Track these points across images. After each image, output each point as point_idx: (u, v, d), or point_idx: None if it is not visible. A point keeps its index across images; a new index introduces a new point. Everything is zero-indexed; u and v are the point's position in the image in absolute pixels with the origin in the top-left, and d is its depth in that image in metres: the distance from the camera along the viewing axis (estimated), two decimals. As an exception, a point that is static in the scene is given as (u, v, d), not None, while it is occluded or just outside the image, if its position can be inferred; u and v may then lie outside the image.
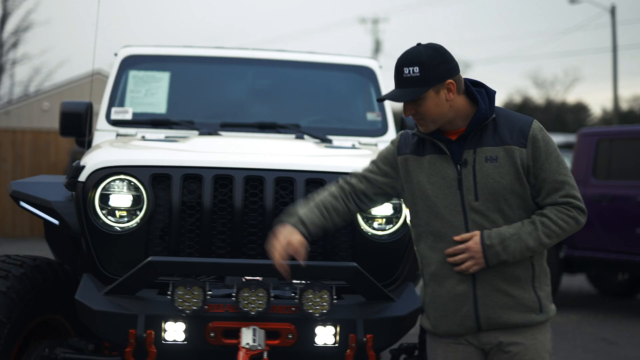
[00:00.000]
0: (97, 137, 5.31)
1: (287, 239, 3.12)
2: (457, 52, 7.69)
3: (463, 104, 3.01)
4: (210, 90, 5.65)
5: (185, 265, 3.63)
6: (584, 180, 9.86)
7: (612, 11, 29.91)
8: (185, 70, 5.66)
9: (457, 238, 2.99)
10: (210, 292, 3.64)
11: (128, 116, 5.36)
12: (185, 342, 3.65)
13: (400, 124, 5.62)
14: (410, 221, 3.22)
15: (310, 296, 3.61)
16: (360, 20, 40.72)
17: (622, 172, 9.79)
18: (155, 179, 3.97)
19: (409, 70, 2.93)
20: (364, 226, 4.05)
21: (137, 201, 3.96)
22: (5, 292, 3.94)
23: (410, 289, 3.97)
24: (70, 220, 4.02)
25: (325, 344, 3.70)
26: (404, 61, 2.97)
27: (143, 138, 5.06)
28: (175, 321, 3.65)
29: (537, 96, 52.14)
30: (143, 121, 5.31)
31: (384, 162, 3.24)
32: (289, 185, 4.01)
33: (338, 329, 3.70)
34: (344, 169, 4.05)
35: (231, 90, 5.73)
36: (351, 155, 4.44)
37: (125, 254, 3.94)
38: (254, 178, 3.99)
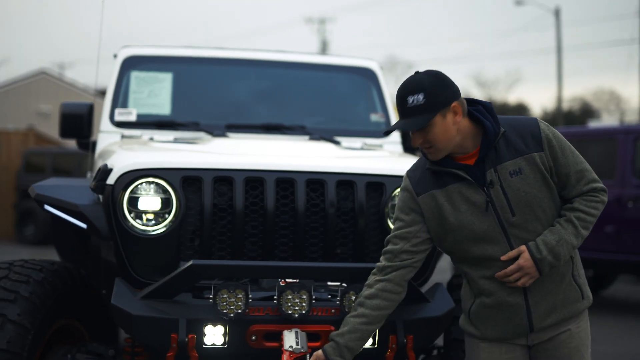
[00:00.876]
0: (102, 139, 5.24)
1: None
2: (403, 53, 7.72)
3: (468, 125, 3.01)
4: (213, 91, 5.62)
5: (228, 269, 3.61)
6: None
7: (557, 13, 30.50)
8: (188, 71, 5.62)
9: (504, 258, 2.99)
10: (250, 296, 3.62)
11: (132, 117, 5.30)
12: (225, 346, 3.63)
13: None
14: (443, 250, 3.22)
15: (353, 297, 3.62)
16: (306, 20, 40.72)
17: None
18: (186, 182, 3.93)
19: (413, 99, 2.93)
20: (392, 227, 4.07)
21: (167, 204, 3.92)
22: (28, 298, 3.88)
23: (442, 289, 4.01)
24: (99, 223, 3.96)
25: (368, 345, 3.71)
26: (406, 90, 2.96)
27: (152, 140, 5.02)
28: (215, 325, 3.62)
29: (479, 96, 52.92)
30: (148, 122, 5.26)
31: (406, 212, 3.16)
32: (320, 187, 4.01)
33: (378, 330, 3.71)
34: (374, 171, 4.09)
35: (234, 92, 5.70)
36: (374, 157, 4.47)
37: (157, 257, 3.90)
38: (285, 180, 3.99)
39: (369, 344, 3.74)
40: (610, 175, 9.71)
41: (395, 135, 5.54)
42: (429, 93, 2.93)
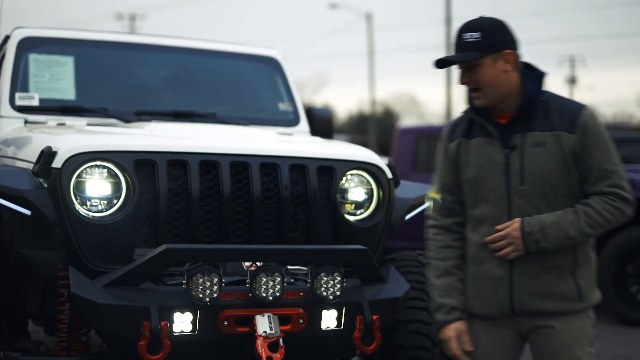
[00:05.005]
0: (3, 125, 4.91)
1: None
2: None
3: (516, 83, 3.01)
4: (118, 76, 5.42)
5: (204, 253, 3.51)
6: (405, 174, 10.45)
7: (369, 18, 31.57)
8: (90, 55, 5.36)
9: (498, 227, 2.99)
10: (224, 280, 3.54)
11: (35, 102, 5.01)
12: (196, 333, 3.52)
13: (307, 114, 5.69)
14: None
15: (324, 279, 3.62)
16: (117, 17, 39.61)
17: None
18: (137, 165, 3.77)
19: (470, 35, 2.95)
20: (343, 211, 4.12)
21: (117, 188, 3.75)
22: None
23: (394, 271, 4.09)
24: (46, 210, 3.70)
25: (333, 327, 3.73)
26: (465, 27, 2.99)
27: (63, 124, 4.77)
28: (184, 312, 3.51)
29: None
30: (52, 108, 4.99)
31: (447, 161, 3.16)
32: (273, 171, 3.98)
33: (344, 311, 3.74)
34: (325, 155, 4.11)
35: (140, 77, 5.52)
36: (315, 142, 4.49)
37: (110, 244, 3.71)
38: (239, 164, 3.92)
39: (334, 325, 3.75)
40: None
41: (304, 124, 5.57)
42: (485, 33, 2.93)
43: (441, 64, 3.04)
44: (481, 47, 2.94)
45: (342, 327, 3.75)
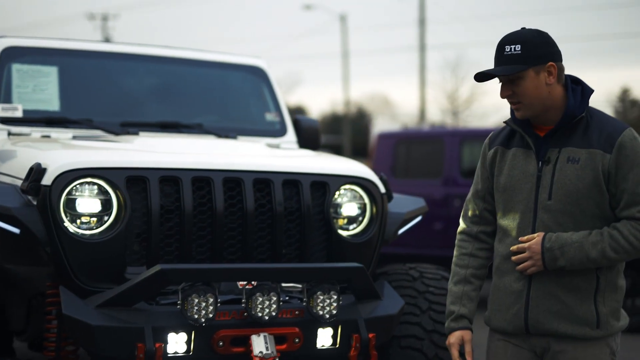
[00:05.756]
0: (-14, 137, 4.81)
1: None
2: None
3: (561, 96, 2.95)
4: (103, 87, 5.32)
5: (200, 273, 3.45)
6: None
7: (343, 18, 31.57)
8: (74, 65, 5.27)
9: (522, 239, 2.93)
10: (219, 300, 3.49)
11: (18, 113, 4.90)
12: (190, 354, 3.47)
13: (294, 124, 5.64)
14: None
15: (320, 298, 3.58)
16: (89, 16, 39.25)
17: (418, 171, 10.49)
18: (129, 182, 3.71)
19: (511, 48, 2.89)
20: (336, 227, 4.08)
21: (107, 206, 3.68)
22: None
23: (388, 287, 4.06)
24: (35, 228, 3.62)
25: (328, 345, 3.70)
26: (507, 40, 2.93)
27: (48, 137, 4.69)
28: (178, 332, 3.45)
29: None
30: (36, 119, 4.89)
31: (483, 167, 3.12)
32: (266, 187, 3.93)
33: (340, 329, 3.70)
34: (318, 170, 4.07)
35: (125, 88, 5.43)
36: (308, 157, 4.45)
37: (102, 263, 3.64)
38: (233, 180, 3.87)
39: (329, 344, 3.72)
40: (438, 175, 10.23)
41: (291, 134, 5.52)
42: (527, 46, 2.87)
43: (481, 77, 2.96)
44: (523, 60, 2.87)
45: (337, 346, 3.72)
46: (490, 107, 56.04)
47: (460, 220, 3.18)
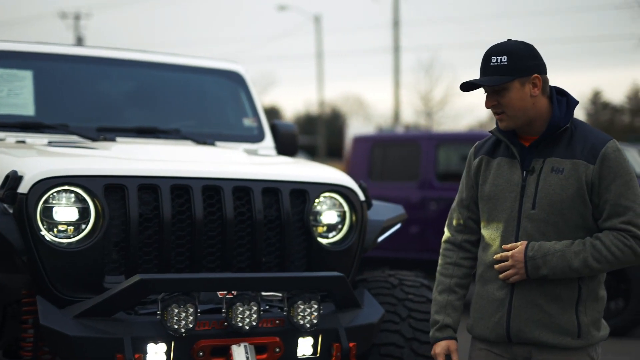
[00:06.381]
0: (-42, 142, 4.73)
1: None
2: (165, 50, 7.70)
3: (545, 107, 2.97)
4: (78, 91, 5.25)
5: (180, 283, 3.42)
6: (356, 181, 10.45)
7: (317, 20, 31.56)
8: (49, 70, 5.20)
9: (505, 247, 2.95)
10: (199, 310, 3.46)
11: None
12: None
13: (271, 129, 5.61)
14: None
15: (301, 307, 3.57)
16: (61, 15, 38.89)
17: (394, 174, 10.50)
18: (107, 190, 3.67)
19: (497, 59, 2.90)
20: (315, 234, 4.06)
21: (88, 214, 3.64)
22: None
23: (368, 295, 4.05)
24: (11, 237, 3.56)
25: (309, 354, 3.68)
26: (493, 51, 2.94)
27: (23, 142, 4.62)
28: (158, 342, 3.42)
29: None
30: (10, 124, 4.82)
31: (468, 177, 3.13)
32: (245, 195, 3.91)
33: (320, 339, 3.69)
34: (298, 178, 4.05)
35: (101, 92, 5.37)
36: (287, 164, 4.43)
37: (80, 272, 3.60)
38: (212, 187, 3.84)
39: (310, 353, 3.70)
40: (414, 178, 10.24)
41: (269, 140, 5.50)
42: (513, 57, 2.89)
43: (467, 87, 2.97)
44: (508, 72, 2.89)
45: (318, 355, 3.70)
46: (464, 109, 56.50)
47: (445, 229, 3.19)
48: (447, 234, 3.17)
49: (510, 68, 2.88)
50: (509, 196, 2.97)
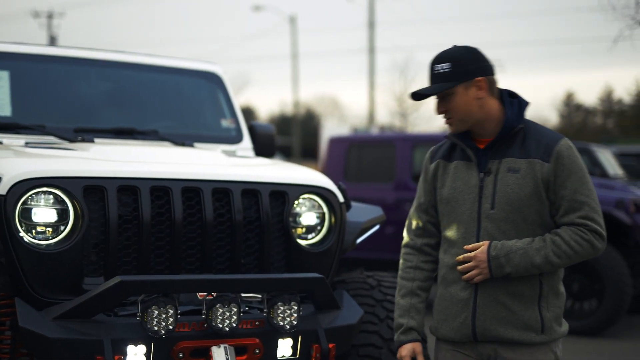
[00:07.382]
0: None
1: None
2: (139, 50, 7.69)
3: (495, 108, 3.04)
4: (55, 92, 5.22)
5: (160, 284, 3.41)
6: (336, 183, 10.47)
7: (293, 20, 31.55)
8: (26, 70, 5.17)
9: (467, 247, 3.01)
10: (179, 311, 3.45)
11: None
12: None
13: (249, 130, 5.62)
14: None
15: (281, 308, 3.58)
16: (33, 14, 38.54)
17: (370, 175, 10.54)
18: (86, 191, 3.66)
19: (440, 67, 3.00)
20: (295, 236, 4.07)
21: (67, 215, 3.62)
22: None
23: (347, 296, 4.07)
24: None
25: (289, 355, 3.69)
26: (436, 59, 3.03)
27: (0, 143, 4.59)
28: (137, 344, 3.41)
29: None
30: None
31: (425, 181, 3.20)
32: (225, 196, 3.91)
33: (300, 340, 3.70)
34: (277, 180, 4.06)
35: (78, 93, 5.34)
36: (266, 165, 4.43)
37: (58, 274, 3.58)
38: (191, 189, 3.84)
39: (289, 354, 3.71)
40: (390, 179, 10.29)
41: (247, 141, 5.50)
42: (455, 63, 2.97)
43: (416, 97, 3.06)
44: (451, 78, 2.98)
45: (297, 356, 3.71)
46: (438, 110, 56.67)
47: (404, 234, 3.26)
48: (406, 238, 3.24)
49: (453, 74, 2.98)
50: (468, 198, 3.04)
